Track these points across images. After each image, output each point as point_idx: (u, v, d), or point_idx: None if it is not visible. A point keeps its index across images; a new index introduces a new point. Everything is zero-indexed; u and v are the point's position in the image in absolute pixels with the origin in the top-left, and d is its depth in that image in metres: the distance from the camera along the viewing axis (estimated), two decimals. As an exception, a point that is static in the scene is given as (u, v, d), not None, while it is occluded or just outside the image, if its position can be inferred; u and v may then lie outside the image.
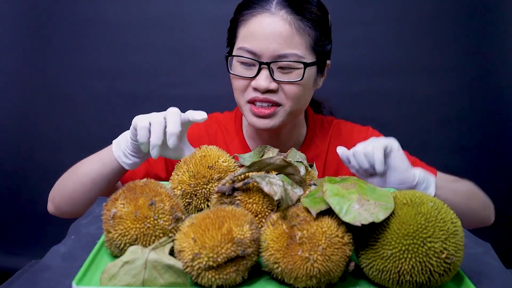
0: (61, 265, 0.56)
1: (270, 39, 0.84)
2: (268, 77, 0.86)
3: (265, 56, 0.85)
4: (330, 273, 0.49)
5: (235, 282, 0.51)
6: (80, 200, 0.85)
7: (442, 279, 0.50)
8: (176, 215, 0.56)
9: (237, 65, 0.89)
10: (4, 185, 1.56)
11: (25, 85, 1.50)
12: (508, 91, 1.48)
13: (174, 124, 0.71)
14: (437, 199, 0.53)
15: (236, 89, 0.91)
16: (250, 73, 0.87)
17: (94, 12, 1.45)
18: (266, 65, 0.85)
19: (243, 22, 0.88)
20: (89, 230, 0.65)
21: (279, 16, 0.85)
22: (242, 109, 0.93)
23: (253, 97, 0.88)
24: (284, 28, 0.84)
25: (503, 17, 1.44)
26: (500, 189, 1.52)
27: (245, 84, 0.89)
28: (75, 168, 0.87)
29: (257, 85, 0.86)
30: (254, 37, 0.85)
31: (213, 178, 0.64)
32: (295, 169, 0.59)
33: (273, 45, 0.84)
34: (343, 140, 1.02)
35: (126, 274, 0.49)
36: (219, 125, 1.05)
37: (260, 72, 0.86)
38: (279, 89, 0.87)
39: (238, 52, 0.88)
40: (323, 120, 1.06)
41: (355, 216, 0.50)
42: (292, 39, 0.85)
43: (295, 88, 0.87)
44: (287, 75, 0.87)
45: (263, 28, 0.85)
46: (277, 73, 0.86)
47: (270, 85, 0.86)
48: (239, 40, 0.89)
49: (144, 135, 0.71)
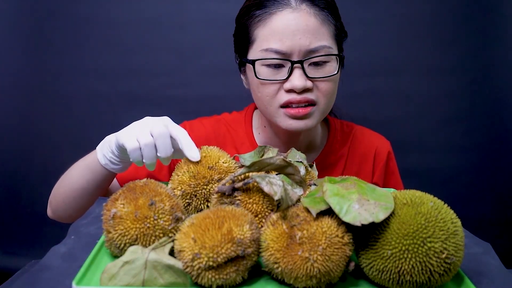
0: (61, 265, 0.56)
1: (299, 35, 0.79)
2: (302, 75, 0.81)
3: (295, 54, 0.80)
4: (330, 273, 0.49)
5: (235, 282, 0.51)
6: (73, 205, 0.83)
7: (442, 279, 0.50)
8: (176, 215, 0.56)
9: (262, 68, 0.83)
10: (4, 185, 1.56)
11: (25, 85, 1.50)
12: (508, 91, 1.48)
13: (165, 149, 0.65)
14: (437, 199, 0.53)
15: (265, 96, 0.84)
16: (281, 75, 0.82)
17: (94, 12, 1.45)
18: (298, 64, 0.80)
19: (260, 22, 0.83)
20: (89, 230, 0.65)
21: (302, 10, 0.81)
22: (273, 116, 0.86)
23: (288, 99, 0.82)
24: (310, 21, 0.80)
25: (503, 17, 1.44)
26: (500, 189, 1.52)
27: (275, 88, 0.83)
28: (66, 174, 0.85)
29: (293, 86, 0.81)
30: (279, 36, 0.80)
31: (213, 178, 0.64)
32: (295, 169, 0.59)
33: (302, 41, 0.79)
34: (363, 147, 1.00)
35: (126, 274, 0.49)
36: (227, 128, 1.00)
37: (292, 72, 0.81)
38: (314, 87, 0.83)
39: (263, 54, 0.82)
40: (342, 124, 1.03)
41: (355, 216, 0.50)
42: (320, 30, 0.81)
43: (330, 84, 0.83)
44: (320, 70, 0.82)
45: (288, 24, 0.80)
46: (310, 70, 0.82)
47: (306, 84, 0.81)
48: (261, 42, 0.83)
49: (137, 156, 0.66)
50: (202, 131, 0.98)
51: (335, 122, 1.02)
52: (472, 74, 1.46)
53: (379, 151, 1.00)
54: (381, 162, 1.00)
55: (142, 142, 0.65)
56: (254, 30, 0.84)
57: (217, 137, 0.99)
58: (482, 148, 1.50)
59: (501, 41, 1.45)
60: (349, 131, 1.02)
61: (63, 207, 0.85)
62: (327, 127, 1.03)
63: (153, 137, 0.65)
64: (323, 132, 1.01)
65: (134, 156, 0.65)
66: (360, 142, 1.01)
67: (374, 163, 1.00)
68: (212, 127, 0.99)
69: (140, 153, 0.65)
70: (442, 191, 1.45)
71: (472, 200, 1.52)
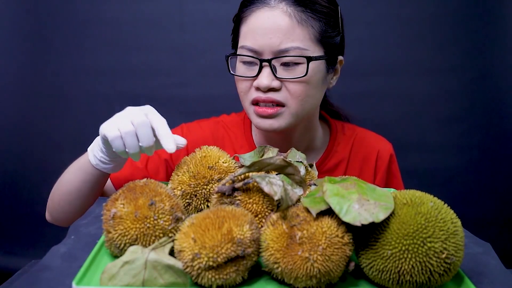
0: (61, 265, 0.56)
1: (269, 34, 0.80)
2: (270, 74, 0.81)
3: (266, 53, 0.81)
4: (330, 273, 0.49)
5: (235, 282, 0.51)
6: (68, 209, 0.83)
7: (442, 279, 0.50)
8: (176, 215, 0.56)
9: (239, 65, 0.86)
10: (4, 185, 1.56)
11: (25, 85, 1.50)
12: (508, 91, 1.48)
13: (147, 138, 0.65)
14: (437, 199, 0.53)
15: (240, 91, 0.87)
16: (252, 72, 0.83)
17: (94, 12, 1.45)
18: (267, 62, 0.81)
19: (244, 19, 0.85)
20: (89, 230, 0.65)
21: (279, 9, 0.81)
22: (247, 112, 0.88)
23: (255, 97, 0.83)
24: (283, 21, 0.80)
25: (503, 17, 1.44)
26: (500, 189, 1.52)
27: (248, 85, 0.85)
28: (61, 177, 0.85)
29: (258, 84, 0.82)
30: (253, 34, 0.82)
31: (213, 178, 0.64)
32: (295, 169, 0.59)
33: (272, 40, 0.80)
34: (365, 150, 0.99)
35: (126, 274, 0.49)
36: (226, 130, 1.00)
37: (261, 70, 0.82)
38: (283, 88, 0.83)
39: (240, 51, 0.85)
40: (343, 126, 1.02)
41: (355, 216, 0.50)
42: (293, 31, 0.81)
43: (300, 87, 0.82)
44: (291, 72, 0.82)
45: (262, 23, 0.81)
46: (280, 71, 0.82)
47: (272, 83, 0.81)
48: (241, 39, 0.85)
49: (119, 145, 0.66)
50: (200, 133, 0.97)
51: (336, 125, 1.01)
52: (472, 74, 1.46)
53: (381, 154, 0.99)
54: (383, 165, 0.99)
55: (123, 130, 0.65)
56: (240, 27, 0.86)
57: (216, 139, 0.98)
58: (482, 148, 1.50)
59: (501, 41, 1.45)
60: (351, 134, 1.01)
61: (59, 210, 0.85)
62: (329, 130, 1.02)
63: (134, 126, 0.65)
64: (325, 134, 1.00)
65: (116, 145, 0.66)
66: (362, 144, 1.00)
67: (376, 166, 0.99)
68: (211, 129, 0.99)
69: (122, 142, 0.66)
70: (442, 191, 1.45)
71: (472, 200, 1.52)
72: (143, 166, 0.93)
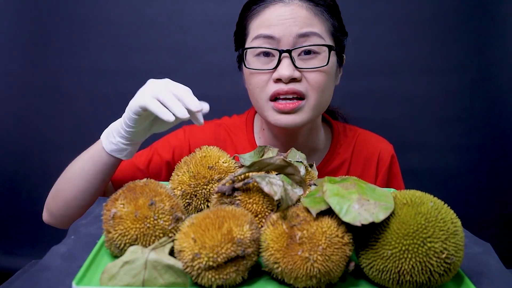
0: (61, 265, 0.56)
1: (288, 23, 0.79)
2: (290, 64, 0.80)
3: (284, 42, 0.80)
4: (330, 273, 0.49)
5: (235, 282, 0.51)
6: (73, 202, 0.82)
7: (442, 279, 0.50)
8: (176, 215, 0.56)
9: (253, 60, 0.84)
10: (4, 185, 1.56)
11: (25, 85, 1.50)
12: (508, 91, 1.48)
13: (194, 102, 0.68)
14: (437, 199, 0.53)
15: (256, 87, 0.84)
16: (270, 65, 0.81)
17: (94, 12, 1.45)
18: (287, 53, 0.79)
19: (255, 15, 0.84)
20: (89, 230, 0.65)
21: (294, 4, 0.81)
22: (263, 110, 0.85)
23: (276, 90, 0.81)
24: (302, 13, 0.80)
25: (503, 17, 1.44)
26: (500, 189, 1.52)
27: (265, 79, 0.82)
28: (66, 170, 0.84)
29: (280, 75, 0.80)
30: (269, 24, 0.81)
31: (213, 178, 0.64)
32: (295, 169, 0.59)
33: (291, 27, 0.79)
34: (366, 151, 0.99)
35: (126, 274, 0.49)
36: (228, 133, 0.99)
37: (280, 61, 0.80)
38: (303, 79, 0.81)
39: (254, 43, 0.82)
40: (345, 128, 1.02)
41: (355, 216, 0.50)
42: (312, 20, 0.80)
43: (320, 76, 0.81)
44: (310, 61, 0.81)
45: (278, 14, 0.80)
46: (299, 61, 0.81)
47: (294, 73, 0.80)
48: (253, 31, 0.83)
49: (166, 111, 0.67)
50: (202, 136, 0.97)
51: (338, 126, 1.01)
52: (472, 74, 1.46)
53: (383, 155, 1.00)
54: (384, 166, 0.99)
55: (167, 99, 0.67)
56: (249, 24, 0.85)
57: (217, 142, 0.98)
58: (482, 148, 1.50)
59: (501, 41, 1.45)
60: (353, 135, 1.01)
61: (62, 207, 0.84)
62: (331, 131, 1.02)
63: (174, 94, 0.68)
64: (326, 136, 1.00)
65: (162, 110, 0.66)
66: (363, 146, 1.00)
67: (377, 167, 0.99)
68: (212, 132, 0.98)
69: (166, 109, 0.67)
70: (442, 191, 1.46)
71: (472, 200, 1.52)
72: (144, 167, 0.93)
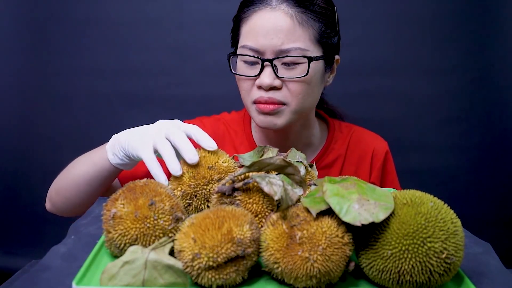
0: (61, 265, 0.56)
1: (271, 35, 0.82)
2: (271, 73, 0.83)
3: (268, 53, 0.83)
4: (330, 273, 0.49)
5: (235, 282, 0.51)
6: (75, 200, 0.84)
7: (442, 279, 0.50)
8: (176, 215, 0.56)
9: (241, 64, 0.87)
10: (4, 185, 1.56)
11: (25, 85, 1.50)
12: (508, 91, 1.48)
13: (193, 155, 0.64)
14: (437, 199, 0.53)
15: (242, 90, 0.89)
16: (254, 71, 0.85)
17: (94, 12, 1.45)
18: (269, 62, 0.83)
19: (244, 19, 0.86)
20: (89, 230, 0.65)
21: (280, 10, 0.83)
22: (249, 110, 0.90)
23: (257, 97, 0.85)
24: (285, 22, 0.82)
25: (503, 17, 1.44)
26: (500, 189, 1.52)
27: (249, 84, 0.87)
28: (70, 168, 0.85)
29: (260, 83, 0.84)
30: (255, 34, 0.84)
31: (213, 179, 0.64)
32: (295, 169, 0.59)
33: (274, 41, 0.82)
34: (361, 147, 1.01)
35: (126, 274, 0.49)
36: (226, 127, 1.02)
37: (263, 69, 0.84)
38: (284, 87, 0.85)
39: (241, 51, 0.86)
40: (340, 124, 1.05)
41: (355, 216, 0.50)
42: (294, 32, 0.82)
43: (300, 85, 0.85)
44: (292, 71, 0.84)
45: (264, 24, 0.83)
46: (281, 70, 0.84)
47: (273, 82, 0.83)
48: (242, 39, 0.87)
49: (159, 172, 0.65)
50: None
51: (334, 123, 1.04)
52: (472, 74, 1.46)
53: (377, 152, 1.02)
54: (378, 162, 1.02)
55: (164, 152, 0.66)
56: (241, 26, 0.88)
57: (216, 136, 0.99)
58: (482, 148, 1.50)
59: (501, 41, 1.45)
60: (348, 132, 1.04)
61: (64, 201, 0.85)
62: (327, 128, 1.04)
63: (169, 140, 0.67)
64: (322, 132, 1.03)
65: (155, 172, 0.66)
66: (358, 142, 1.02)
67: (371, 163, 1.02)
68: (212, 126, 1.01)
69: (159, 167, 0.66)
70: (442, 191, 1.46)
71: (472, 200, 1.52)
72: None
